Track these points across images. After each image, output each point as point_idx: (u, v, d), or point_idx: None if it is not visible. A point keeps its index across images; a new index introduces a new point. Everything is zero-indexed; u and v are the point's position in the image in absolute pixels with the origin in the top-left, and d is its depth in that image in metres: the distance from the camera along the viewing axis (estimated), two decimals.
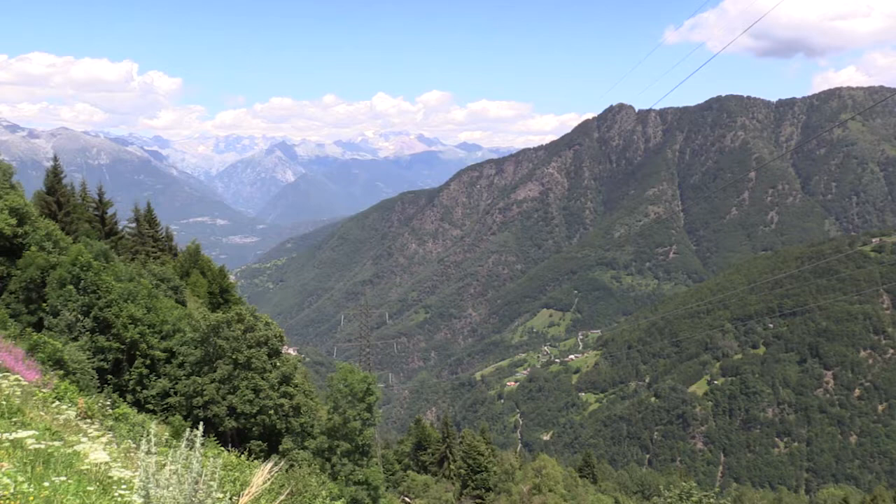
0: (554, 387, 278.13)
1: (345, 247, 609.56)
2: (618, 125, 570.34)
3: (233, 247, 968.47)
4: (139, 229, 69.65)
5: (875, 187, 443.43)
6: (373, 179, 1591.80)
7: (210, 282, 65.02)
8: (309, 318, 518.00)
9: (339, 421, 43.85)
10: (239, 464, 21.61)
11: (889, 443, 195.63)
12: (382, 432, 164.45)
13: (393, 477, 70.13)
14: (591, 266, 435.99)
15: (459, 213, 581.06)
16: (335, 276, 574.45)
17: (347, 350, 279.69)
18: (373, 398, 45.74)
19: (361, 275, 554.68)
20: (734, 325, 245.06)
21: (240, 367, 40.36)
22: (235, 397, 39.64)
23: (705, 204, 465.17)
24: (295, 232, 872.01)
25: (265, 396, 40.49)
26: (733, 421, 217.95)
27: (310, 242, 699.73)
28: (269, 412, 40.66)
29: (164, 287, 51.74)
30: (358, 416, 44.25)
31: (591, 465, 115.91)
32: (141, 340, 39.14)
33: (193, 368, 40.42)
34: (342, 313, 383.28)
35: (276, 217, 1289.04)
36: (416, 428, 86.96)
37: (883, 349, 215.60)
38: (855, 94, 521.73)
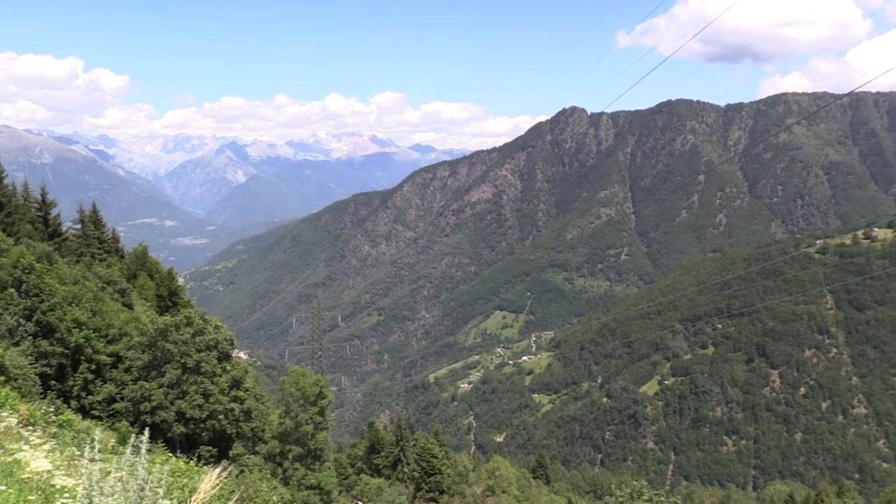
0: (507, 388, 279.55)
1: (297, 249, 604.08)
2: (570, 128, 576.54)
3: (182, 248, 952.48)
4: (84, 231, 67.85)
5: (819, 191, 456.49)
6: (325, 180, 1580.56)
7: (158, 284, 63.65)
8: (260, 321, 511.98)
9: (291, 425, 43.25)
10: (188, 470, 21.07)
11: (832, 439, 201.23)
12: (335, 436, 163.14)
13: (346, 481, 69.56)
14: (544, 268, 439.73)
15: (413, 214, 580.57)
16: (287, 279, 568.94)
17: (300, 353, 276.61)
18: (325, 402, 45.23)
19: (314, 277, 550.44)
20: (684, 325, 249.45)
21: (189, 371, 39.53)
22: (184, 402, 38.80)
23: (656, 206, 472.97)
24: (246, 233, 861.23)
25: (215, 401, 39.72)
26: (683, 420, 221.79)
27: (261, 244, 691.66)
28: (219, 417, 39.88)
29: (111, 290, 50.46)
30: (310, 420, 43.70)
31: (544, 465, 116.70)
32: (86, 345, 38.03)
33: (141, 373, 39.44)
34: (294, 316, 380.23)
35: (226, 218, 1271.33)
36: (370, 431, 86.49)
37: (827, 348, 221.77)
38: (800, 100, 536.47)
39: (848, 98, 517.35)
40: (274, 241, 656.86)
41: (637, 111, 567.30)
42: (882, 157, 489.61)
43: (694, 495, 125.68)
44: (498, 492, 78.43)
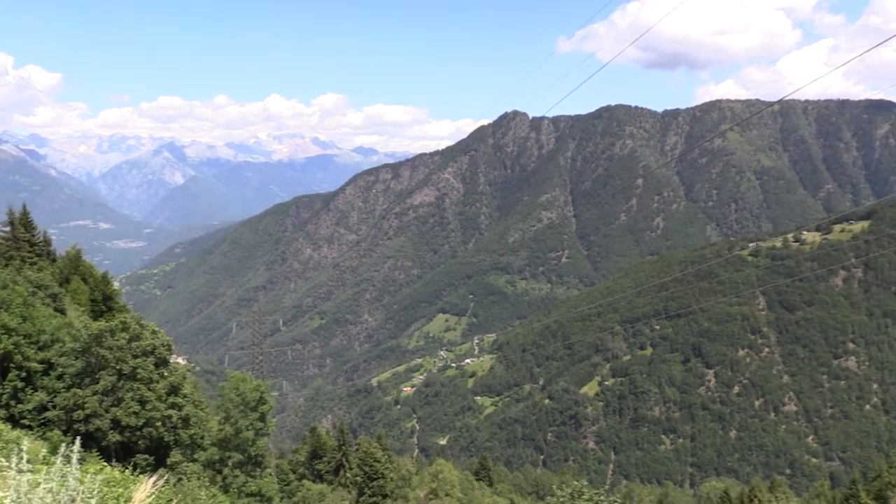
0: (450, 391, 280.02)
1: (237, 252, 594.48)
2: (512, 132, 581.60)
3: (117, 252, 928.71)
4: (13, 233, 65.43)
5: (752, 195, 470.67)
6: (266, 182, 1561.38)
7: (92, 289, 61.84)
8: (199, 325, 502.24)
9: (231, 431, 42.57)
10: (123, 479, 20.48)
11: (765, 436, 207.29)
12: (277, 442, 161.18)
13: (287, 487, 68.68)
14: (487, 271, 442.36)
15: (355, 217, 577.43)
16: (227, 282, 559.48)
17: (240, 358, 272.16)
18: (266, 407, 44.67)
19: (254, 280, 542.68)
20: (623, 327, 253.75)
21: (124, 378, 38.51)
22: (120, 410, 37.79)
23: (596, 210, 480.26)
24: (184, 236, 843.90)
25: (152, 408, 38.79)
26: (623, 420, 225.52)
27: (200, 247, 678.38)
28: (156, 424, 38.96)
29: (42, 295, 48.83)
30: (251, 426, 43.09)
31: (487, 467, 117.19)
32: (15, 351, 36.72)
33: (74, 380, 38.25)
34: (234, 320, 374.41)
35: (163, 221, 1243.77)
36: (312, 436, 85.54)
37: (759, 348, 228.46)
38: (733, 107, 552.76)
39: (778, 105, 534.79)
40: (213, 244, 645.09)
41: (577, 116, 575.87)
42: (810, 163, 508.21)
43: (633, 494, 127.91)
44: (441, 495, 78.50)
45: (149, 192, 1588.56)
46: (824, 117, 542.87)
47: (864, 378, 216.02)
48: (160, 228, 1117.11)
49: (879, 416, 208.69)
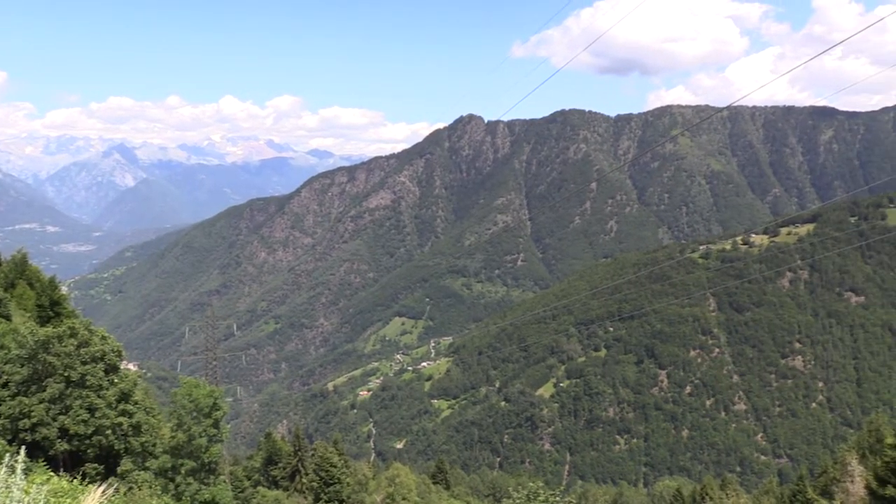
0: (407, 395, 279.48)
1: (190, 255, 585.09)
2: (468, 135, 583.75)
3: (65, 256, 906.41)
4: None
5: (702, 199, 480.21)
6: (220, 185, 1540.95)
7: (39, 294, 60.33)
8: (151, 330, 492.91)
9: (184, 438, 41.90)
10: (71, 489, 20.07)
11: (716, 435, 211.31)
12: (231, 448, 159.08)
13: (242, 494, 67.83)
14: (443, 274, 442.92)
15: (311, 220, 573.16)
16: (179, 287, 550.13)
17: (193, 364, 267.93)
18: (220, 413, 44.07)
19: (208, 285, 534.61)
20: (578, 329, 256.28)
21: (73, 385, 37.65)
22: (68, 418, 36.92)
23: (550, 213, 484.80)
24: (135, 240, 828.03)
25: (101, 416, 37.98)
26: (578, 421, 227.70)
27: (151, 251, 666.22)
28: (105, 432, 38.15)
29: None
30: (204, 433, 42.48)
31: (443, 471, 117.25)
32: None
33: (19, 388, 37.25)
34: (187, 325, 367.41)
35: (114, 224, 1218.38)
36: (267, 442, 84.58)
37: (710, 349, 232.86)
38: (684, 112, 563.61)
39: (727, 111, 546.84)
40: (165, 248, 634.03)
41: (532, 120, 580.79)
42: (758, 168, 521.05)
43: (588, 494, 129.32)
44: (398, 499, 78.31)
45: (98, 194, 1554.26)
46: (771, 123, 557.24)
47: (810, 377, 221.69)
48: (110, 232, 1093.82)
49: (825, 414, 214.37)
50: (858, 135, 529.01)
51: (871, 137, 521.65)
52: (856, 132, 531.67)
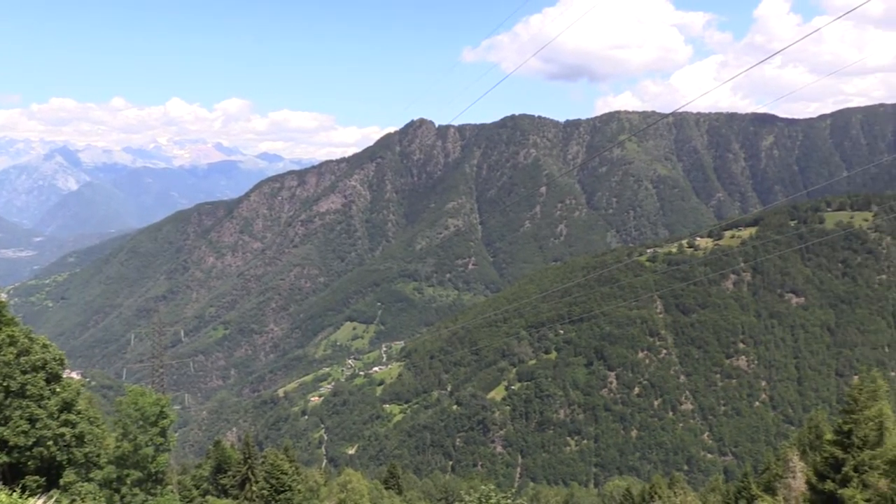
0: (358, 400, 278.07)
1: (135, 261, 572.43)
2: (419, 139, 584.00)
3: (4, 261, 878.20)
4: None
5: (649, 203, 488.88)
6: (166, 189, 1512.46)
7: None
8: (95, 338, 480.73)
9: (130, 448, 41.06)
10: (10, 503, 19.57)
11: (664, 435, 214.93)
12: (179, 457, 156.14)
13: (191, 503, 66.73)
14: (394, 278, 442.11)
15: (260, 225, 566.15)
16: (124, 293, 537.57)
17: (139, 371, 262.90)
18: (167, 421, 43.33)
19: (154, 290, 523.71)
20: (529, 332, 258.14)
21: (12, 395, 36.59)
22: (7, 429, 35.88)
23: (501, 217, 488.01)
24: (78, 245, 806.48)
25: (43, 426, 36.99)
26: (529, 423, 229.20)
27: (95, 256, 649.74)
28: (47, 443, 37.18)
29: None
30: (150, 442, 41.70)
31: (396, 475, 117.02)
32: None
33: None
34: (133, 332, 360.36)
35: (56, 229, 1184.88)
36: (216, 450, 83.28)
37: (657, 350, 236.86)
38: (631, 118, 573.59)
39: (672, 117, 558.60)
40: (110, 253, 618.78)
41: (483, 125, 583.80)
42: (703, 173, 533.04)
43: (540, 495, 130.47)
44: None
45: (39, 198, 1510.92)
46: (715, 129, 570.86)
47: (753, 376, 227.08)
48: (52, 237, 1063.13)
49: (768, 412, 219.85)
50: (797, 141, 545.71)
51: (809, 144, 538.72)
52: (795, 138, 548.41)
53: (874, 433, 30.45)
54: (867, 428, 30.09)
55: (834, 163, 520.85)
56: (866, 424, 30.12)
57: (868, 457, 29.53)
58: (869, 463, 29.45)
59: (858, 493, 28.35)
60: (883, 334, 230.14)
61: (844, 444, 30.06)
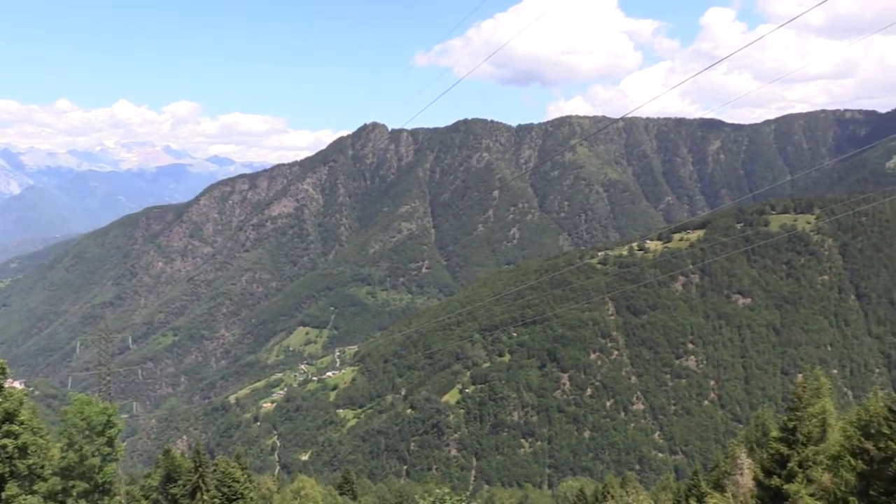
0: (312, 405, 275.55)
1: (81, 266, 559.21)
2: (371, 143, 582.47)
3: None
4: None
5: (600, 206, 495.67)
6: (113, 193, 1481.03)
7: None
8: (39, 346, 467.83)
9: (75, 459, 40.06)
10: None
11: (616, 435, 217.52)
12: (127, 467, 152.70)
13: None
14: (347, 282, 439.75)
15: (210, 229, 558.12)
16: (70, 299, 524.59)
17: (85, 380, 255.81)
18: (114, 431, 42.40)
19: (101, 297, 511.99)
20: (482, 335, 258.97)
21: None
22: None
23: (454, 221, 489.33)
24: (21, 250, 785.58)
25: None
26: (483, 426, 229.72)
27: (39, 262, 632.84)
28: None
29: None
30: (97, 452, 40.75)
31: (350, 481, 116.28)
32: None
33: None
34: (78, 339, 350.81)
35: None
36: (165, 459, 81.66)
37: (609, 351, 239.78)
38: (582, 122, 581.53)
39: (622, 122, 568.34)
40: (54, 259, 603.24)
41: (436, 129, 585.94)
42: (652, 176, 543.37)
43: (495, 498, 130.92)
44: None
45: None
46: (663, 134, 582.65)
47: (702, 376, 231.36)
48: None
49: (716, 411, 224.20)
50: (743, 146, 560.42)
51: (755, 149, 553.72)
52: (741, 143, 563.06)
53: (817, 429, 31.29)
54: (811, 425, 30.90)
55: (778, 167, 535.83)
56: (810, 421, 30.93)
57: (812, 452, 30.33)
58: (813, 458, 30.26)
59: (803, 487, 29.11)
60: (825, 333, 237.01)
61: (789, 441, 30.82)
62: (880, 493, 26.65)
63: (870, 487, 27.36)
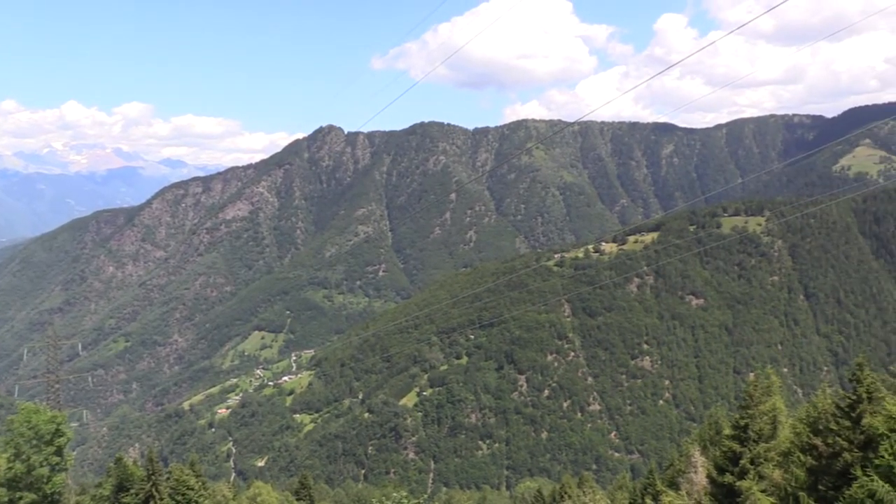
0: (268, 411, 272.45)
1: (28, 271, 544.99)
2: (328, 146, 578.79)
3: None
4: None
5: (556, 209, 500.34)
6: (62, 196, 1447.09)
7: None
8: None
9: (22, 469, 39.01)
10: None
11: (573, 435, 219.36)
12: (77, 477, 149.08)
13: None
14: (303, 286, 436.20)
15: (163, 233, 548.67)
16: (16, 305, 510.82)
17: (33, 388, 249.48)
18: (63, 440, 41.45)
19: (49, 302, 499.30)
20: (440, 337, 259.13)
21: None
22: None
23: (411, 224, 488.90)
24: None
25: None
26: (441, 429, 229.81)
27: None
28: None
29: None
30: (45, 462, 39.77)
31: (307, 486, 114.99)
32: None
33: None
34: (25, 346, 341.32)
35: None
36: (117, 468, 79.85)
37: (566, 352, 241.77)
38: (538, 126, 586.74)
39: (578, 126, 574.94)
40: (0, 263, 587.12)
41: (392, 131, 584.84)
42: (607, 180, 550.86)
43: (453, 500, 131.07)
44: None
45: None
46: (618, 137, 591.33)
47: (657, 376, 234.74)
48: None
49: (671, 410, 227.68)
50: (695, 149, 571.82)
51: (707, 152, 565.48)
52: (693, 147, 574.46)
53: (768, 427, 31.96)
54: (762, 422, 31.54)
55: (729, 170, 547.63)
56: (761, 419, 31.57)
57: (763, 449, 30.96)
58: (764, 455, 30.88)
59: (755, 484, 29.67)
60: (776, 332, 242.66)
61: (741, 439, 31.41)
62: (828, 487, 27.33)
63: (818, 482, 28.04)
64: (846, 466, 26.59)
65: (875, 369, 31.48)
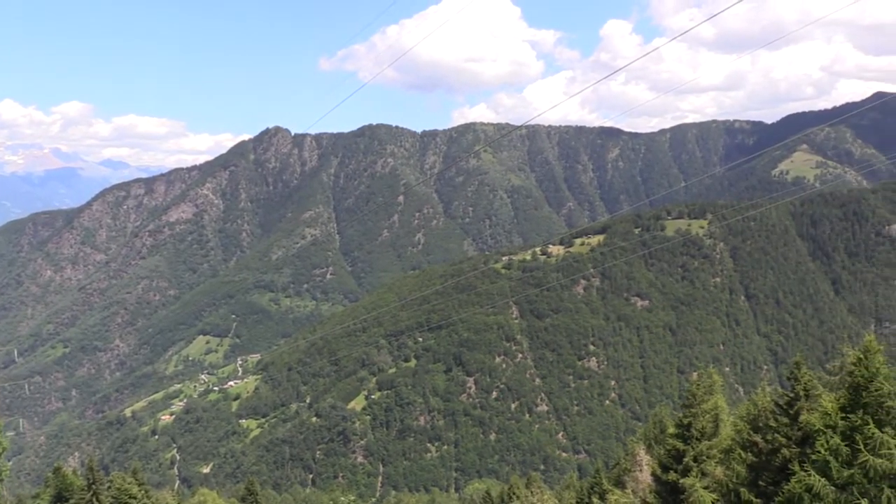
0: (213, 416, 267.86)
1: None
2: (274, 148, 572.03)
3: None
4: None
5: (504, 211, 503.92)
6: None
7: None
8: None
9: None
10: None
11: (521, 436, 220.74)
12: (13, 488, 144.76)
13: None
14: (249, 289, 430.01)
15: (104, 235, 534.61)
16: None
17: None
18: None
19: None
20: (388, 340, 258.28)
21: None
22: None
23: (359, 226, 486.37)
24: None
25: None
26: (390, 432, 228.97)
27: None
28: None
29: None
30: None
31: (254, 492, 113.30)
32: None
33: None
34: None
35: None
36: (55, 477, 77.66)
37: (514, 354, 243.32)
38: (486, 129, 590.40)
39: (525, 129, 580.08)
40: None
41: (340, 133, 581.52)
42: (554, 183, 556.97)
43: (402, 502, 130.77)
44: None
45: None
46: (565, 141, 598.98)
47: (603, 376, 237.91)
48: None
49: (617, 410, 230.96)
50: (640, 154, 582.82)
51: (651, 156, 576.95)
52: (638, 151, 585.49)
53: (710, 425, 32.69)
54: (704, 420, 32.24)
55: (673, 174, 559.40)
56: (704, 417, 32.27)
57: (705, 447, 31.66)
58: (706, 453, 31.58)
59: (698, 481, 30.32)
60: (718, 333, 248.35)
61: (684, 437, 32.05)
62: (768, 483, 28.08)
63: (759, 478, 28.80)
64: (785, 462, 27.36)
65: (812, 368, 32.49)
